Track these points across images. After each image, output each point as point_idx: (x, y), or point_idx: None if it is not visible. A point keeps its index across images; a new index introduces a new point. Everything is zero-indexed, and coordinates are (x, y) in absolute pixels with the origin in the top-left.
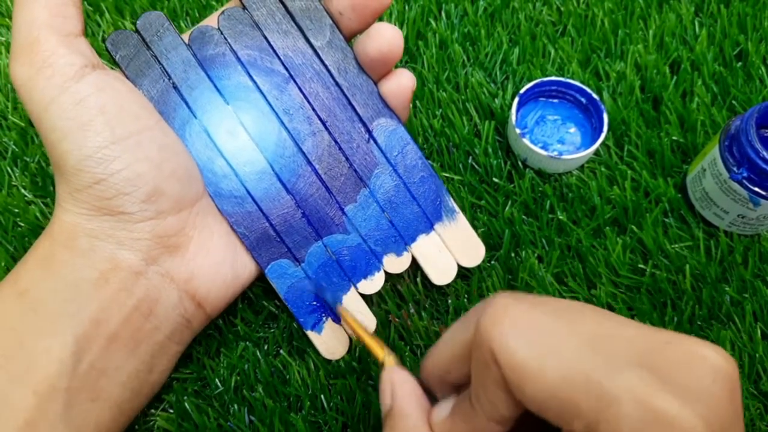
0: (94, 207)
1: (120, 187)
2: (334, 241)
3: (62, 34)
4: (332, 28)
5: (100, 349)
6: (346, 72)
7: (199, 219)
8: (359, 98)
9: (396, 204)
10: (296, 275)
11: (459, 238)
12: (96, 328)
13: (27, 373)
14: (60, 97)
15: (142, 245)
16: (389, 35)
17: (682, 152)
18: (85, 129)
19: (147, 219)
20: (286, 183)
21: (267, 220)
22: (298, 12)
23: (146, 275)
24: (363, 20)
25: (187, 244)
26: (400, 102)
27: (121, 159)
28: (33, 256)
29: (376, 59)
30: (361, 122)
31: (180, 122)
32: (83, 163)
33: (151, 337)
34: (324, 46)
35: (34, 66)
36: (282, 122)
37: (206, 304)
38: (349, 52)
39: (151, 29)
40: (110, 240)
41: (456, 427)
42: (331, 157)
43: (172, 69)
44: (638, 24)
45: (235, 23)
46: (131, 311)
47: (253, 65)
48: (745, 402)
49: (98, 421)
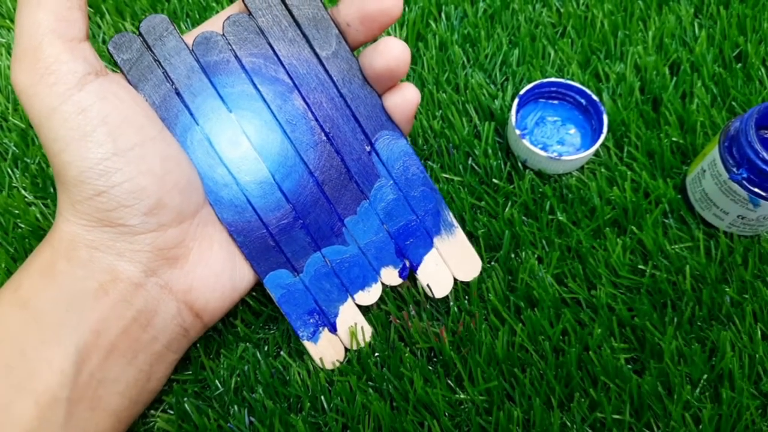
0: (94, 218)
1: (121, 200)
2: (333, 252)
3: (66, 40)
4: (338, 38)
5: (100, 360)
6: (350, 83)
7: (200, 230)
8: (363, 110)
9: (395, 217)
10: (295, 285)
11: (457, 253)
12: (96, 338)
13: (28, 383)
14: (62, 107)
15: (142, 257)
16: (397, 51)
17: (681, 153)
18: (87, 140)
19: (148, 231)
20: (287, 193)
21: (266, 229)
22: (305, 21)
23: (145, 287)
24: (370, 33)
25: (186, 255)
26: (404, 116)
27: (123, 171)
28: (34, 264)
29: (382, 74)
30: (363, 134)
31: (182, 129)
32: (84, 174)
33: (149, 347)
34: (329, 56)
35: (36, 72)
36: (284, 132)
37: (204, 314)
38: (355, 64)
39: (154, 33)
40: (110, 251)
41: None
42: (333, 168)
43: (174, 74)
44: (638, 25)
45: (240, 30)
46: (130, 322)
47: (257, 73)
48: (745, 402)
49: (97, 429)
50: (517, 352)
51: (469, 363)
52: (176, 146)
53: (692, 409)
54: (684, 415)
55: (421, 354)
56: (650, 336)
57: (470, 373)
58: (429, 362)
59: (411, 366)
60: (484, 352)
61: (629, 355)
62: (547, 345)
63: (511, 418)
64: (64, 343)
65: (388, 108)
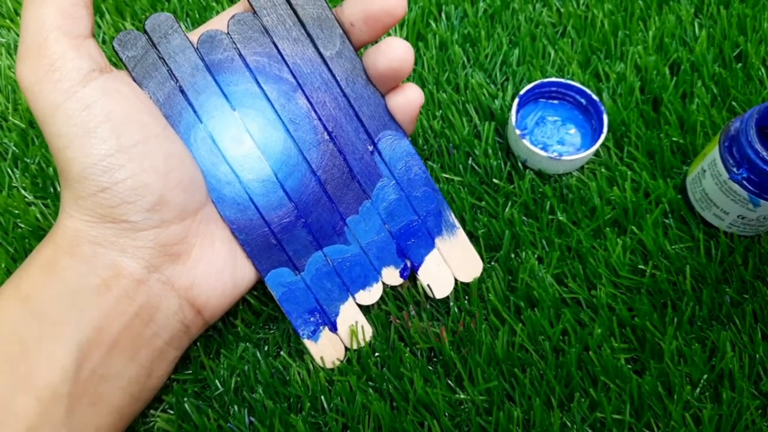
0: (97, 214)
1: (125, 196)
2: (335, 251)
3: (72, 36)
4: (342, 38)
5: (102, 356)
6: (354, 83)
7: (202, 227)
8: (366, 110)
9: (397, 217)
10: (296, 284)
11: (458, 253)
12: (98, 334)
13: (30, 379)
14: (66, 103)
15: (145, 253)
16: (401, 51)
17: (681, 153)
18: (91, 136)
19: (150, 228)
20: (289, 191)
21: (268, 227)
22: (309, 20)
23: (148, 283)
24: (374, 33)
25: (189, 252)
26: (407, 116)
27: (126, 168)
28: (36, 260)
29: (385, 74)
30: (366, 134)
31: (185, 126)
32: (88, 171)
33: (150, 343)
34: (333, 56)
35: (41, 69)
36: (288, 131)
37: (205, 311)
38: (359, 63)
39: (159, 31)
40: (113, 247)
41: None
42: (335, 167)
43: (179, 72)
44: (638, 25)
45: (245, 29)
46: (132, 318)
47: (261, 72)
48: (745, 402)
49: (98, 425)
50: (517, 352)
51: (469, 363)
52: (180, 144)
53: (692, 409)
54: (684, 415)
55: (421, 354)
56: (650, 336)
57: (470, 373)
58: (429, 362)
59: (411, 366)
60: (484, 352)
61: (629, 355)
62: (547, 345)
63: (511, 418)
64: (65, 339)
65: (392, 108)
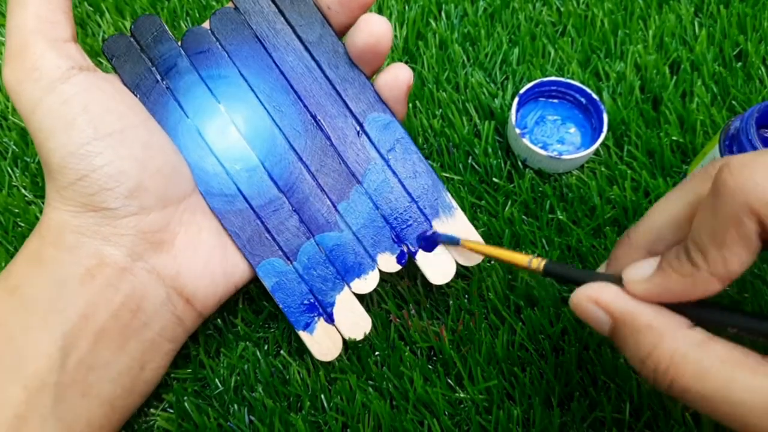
0: (79, 203)
1: (102, 183)
2: (327, 239)
3: (51, 40)
4: (323, 23)
5: (89, 345)
6: (337, 67)
7: (186, 216)
8: (350, 92)
9: (390, 200)
10: (288, 274)
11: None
12: (83, 323)
13: (17, 368)
14: (46, 98)
15: (127, 241)
16: (377, 26)
17: (681, 152)
18: (70, 127)
19: (130, 215)
20: (278, 181)
21: (258, 218)
22: (288, 8)
23: (132, 271)
24: (351, 13)
25: (172, 240)
26: (396, 95)
27: (103, 155)
28: (23, 253)
29: (365, 50)
30: (352, 117)
31: (173, 122)
32: (66, 159)
33: (140, 333)
34: (315, 41)
35: (23, 70)
36: (273, 120)
37: (195, 301)
38: (341, 47)
39: (145, 33)
40: (96, 236)
41: (669, 282)
42: (323, 153)
43: (165, 72)
44: (638, 24)
45: (226, 23)
46: (118, 307)
47: (244, 64)
48: None
49: (89, 417)
50: (516, 351)
51: (469, 362)
52: (161, 135)
53: (692, 409)
54: (684, 414)
55: (421, 353)
56: None
57: (470, 372)
58: (429, 361)
59: (411, 365)
60: (484, 351)
61: None
62: (547, 344)
63: (510, 417)
64: (51, 328)
65: (379, 88)
